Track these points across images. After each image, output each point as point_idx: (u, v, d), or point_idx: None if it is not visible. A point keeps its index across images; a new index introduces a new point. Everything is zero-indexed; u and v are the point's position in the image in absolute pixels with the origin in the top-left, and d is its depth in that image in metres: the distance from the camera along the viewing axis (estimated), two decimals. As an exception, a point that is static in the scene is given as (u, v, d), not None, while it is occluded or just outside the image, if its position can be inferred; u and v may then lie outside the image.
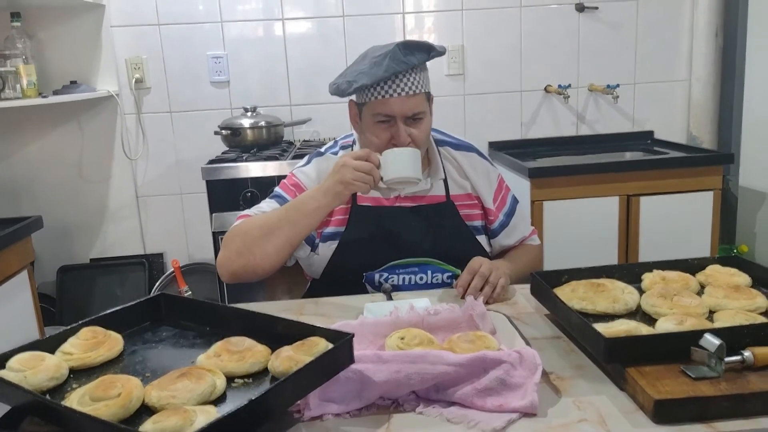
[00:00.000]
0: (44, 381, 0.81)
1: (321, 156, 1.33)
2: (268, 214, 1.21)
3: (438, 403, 0.81)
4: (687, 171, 2.12)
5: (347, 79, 1.19)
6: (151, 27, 2.39)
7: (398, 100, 1.17)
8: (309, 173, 1.30)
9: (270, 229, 1.16)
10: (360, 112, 1.24)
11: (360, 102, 1.23)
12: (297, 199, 1.18)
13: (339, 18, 2.44)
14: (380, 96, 1.18)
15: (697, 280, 1.09)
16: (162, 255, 2.53)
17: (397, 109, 1.18)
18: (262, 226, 1.17)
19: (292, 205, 1.17)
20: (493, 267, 1.17)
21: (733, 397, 0.75)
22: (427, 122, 1.24)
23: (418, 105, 1.20)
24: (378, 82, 1.17)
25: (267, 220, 1.18)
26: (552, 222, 2.08)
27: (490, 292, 1.14)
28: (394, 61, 1.15)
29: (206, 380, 0.77)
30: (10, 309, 1.70)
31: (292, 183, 1.30)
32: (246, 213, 1.27)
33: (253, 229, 1.18)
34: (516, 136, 2.58)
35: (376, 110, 1.19)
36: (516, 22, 2.49)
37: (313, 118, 2.48)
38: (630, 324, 0.90)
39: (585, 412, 0.78)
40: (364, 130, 1.24)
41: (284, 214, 1.17)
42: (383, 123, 1.20)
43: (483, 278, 1.14)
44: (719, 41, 2.48)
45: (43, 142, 2.42)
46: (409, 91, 1.18)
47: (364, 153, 1.12)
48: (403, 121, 1.19)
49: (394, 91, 1.17)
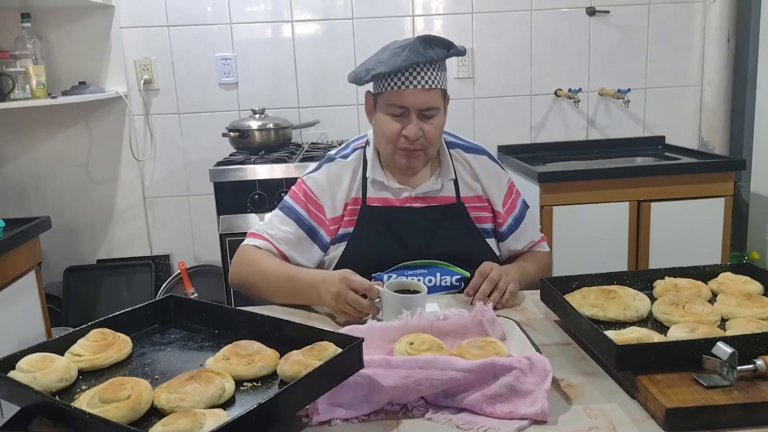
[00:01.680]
0: (53, 382, 0.81)
1: (332, 161, 1.32)
2: (273, 266, 1.22)
3: (447, 409, 0.81)
4: (698, 177, 2.10)
5: (366, 67, 1.21)
6: (160, 28, 2.40)
7: (413, 92, 1.18)
8: (319, 180, 1.30)
9: (270, 285, 1.21)
10: (375, 103, 1.25)
11: (376, 92, 1.24)
12: (299, 276, 1.18)
13: (348, 20, 2.45)
14: (396, 87, 1.18)
15: (709, 287, 1.09)
16: (168, 257, 2.54)
17: (411, 101, 1.19)
18: (265, 278, 1.22)
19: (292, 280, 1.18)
20: (503, 272, 1.16)
21: (746, 406, 0.74)
22: (440, 120, 1.24)
23: (433, 100, 1.20)
24: (396, 72, 1.17)
25: (270, 274, 1.21)
26: (562, 227, 2.07)
27: (498, 298, 1.13)
28: (413, 53, 1.16)
29: (215, 383, 0.77)
30: (17, 309, 1.71)
31: (301, 192, 1.30)
32: (257, 231, 1.29)
33: (256, 273, 1.23)
34: (525, 140, 2.57)
35: (390, 101, 1.20)
36: (526, 25, 2.48)
37: (322, 120, 2.49)
38: (641, 331, 0.90)
39: (595, 419, 0.78)
40: (377, 122, 1.25)
41: (284, 282, 1.19)
42: (396, 115, 1.21)
43: (492, 283, 1.13)
44: (731, 46, 2.46)
45: (52, 143, 2.43)
46: (425, 84, 1.18)
47: (364, 286, 1.07)
48: (416, 115, 1.20)
49: (410, 83, 1.18)
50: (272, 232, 1.27)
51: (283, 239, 1.27)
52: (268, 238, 1.27)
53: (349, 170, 1.29)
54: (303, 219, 1.28)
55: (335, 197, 1.28)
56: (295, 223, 1.28)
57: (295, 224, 1.28)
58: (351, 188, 1.29)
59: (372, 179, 1.28)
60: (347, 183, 1.29)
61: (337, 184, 1.29)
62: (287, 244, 1.27)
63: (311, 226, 1.28)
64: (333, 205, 1.28)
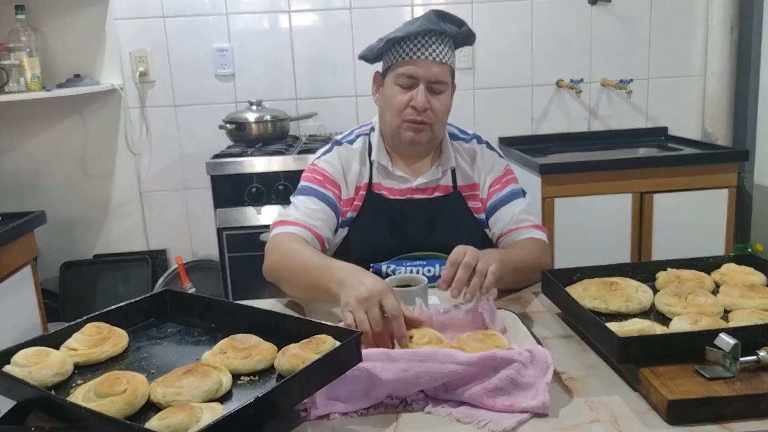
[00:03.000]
0: (49, 376, 0.80)
1: (341, 145, 1.31)
2: (304, 257, 1.09)
3: (447, 403, 0.80)
4: (701, 168, 2.09)
5: (379, 38, 1.23)
6: (156, 19, 2.38)
7: (425, 62, 1.19)
8: (332, 162, 1.29)
9: (297, 279, 1.11)
10: (383, 81, 1.26)
11: (385, 67, 1.25)
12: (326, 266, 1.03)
13: (346, 10, 2.42)
14: (407, 57, 1.19)
15: (712, 278, 1.08)
16: (165, 251, 2.53)
17: (421, 72, 1.19)
18: (293, 271, 1.11)
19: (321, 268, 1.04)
20: (480, 255, 0.99)
21: (748, 397, 0.74)
22: (448, 98, 1.25)
23: (443, 74, 1.21)
24: (410, 37, 1.19)
25: (300, 266, 1.09)
26: (563, 219, 2.05)
27: (479, 283, 0.97)
28: (428, 21, 1.19)
29: (212, 377, 0.77)
30: (13, 304, 1.70)
31: (318, 174, 1.28)
32: (281, 219, 1.22)
33: (286, 265, 1.13)
34: (527, 132, 2.55)
35: (401, 71, 1.20)
36: (527, 15, 2.46)
37: (319, 112, 2.46)
38: (644, 323, 0.89)
39: (597, 412, 0.77)
40: (384, 96, 1.25)
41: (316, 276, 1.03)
42: (405, 87, 1.21)
43: (469, 268, 0.97)
44: (734, 36, 2.44)
45: (47, 136, 2.41)
46: (436, 57, 1.19)
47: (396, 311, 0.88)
48: (425, 87, 1.20)
49: (422, 53, 1.19)
50: (298, 214, 1.21)
51: (313, 216, 1.21)
52: (296, 220, 1.19)
53: (357, 155, 1.29)
54: (328, 197, 1.25)
55: (348, 179, 1.28)
56: (320, 201, 1.24)
57: (322, 202, 1.24)
58: (361, 173, 1.28)
59: (377, 163, 1.28)
60: (357, 166, 1.28)
61: (348, 166, 1.28)
62: (320, 220, 1.21)
63: (336, 204, 1.26)
64: (347, 186, 1.28)
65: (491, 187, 1.30)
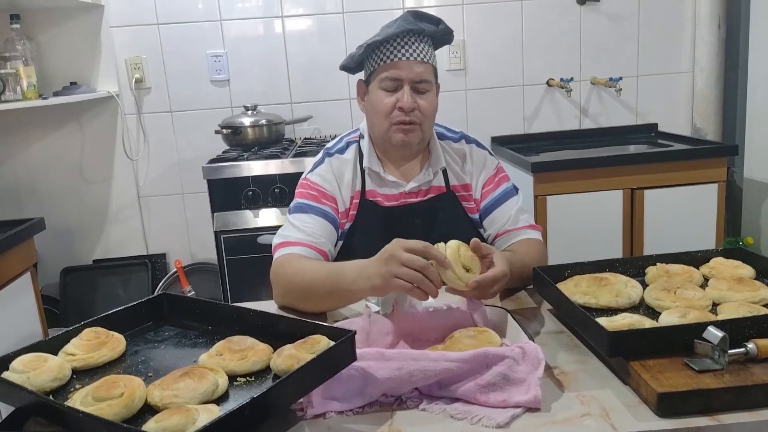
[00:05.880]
0: (47, 382, 0.81)
1: (331, 156, 1.30)
2: (313, 271, 1.09)
3: (441, 400, 0.81)
4: (691, 163, 2.10)
5: (357, 45, 1.23)
6: (151, 27, 2.39)
7: (407, 63, 1.19)
8: (325, 175, 1.26)
9: (312, 295, 1.08)
10: (367, 87, 1.26)
11: (368, 73, 1.25)
12: (340, 273, 1.04)
13: (339, 15, 2.43)
14: (389, 59, 1.19)
15: (701, 272, 1.09)
16: (164, 255, 2.54)
17: (404, 73, 1.19)
18: (306, 289, 1.09)
19: (336, 279, 1.04)
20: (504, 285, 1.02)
21: (737, 389, 0.74)
22: (433, 97, 1.24)
23: (426, 73, 1.21)
24: (389, 40, 1.19)
25: (311, 281, 1.08)
26: (555, 216, 2.07)
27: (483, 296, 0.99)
28: (405, 22, 1.19)
29: (208, 379, 0.77)
30: (13, 311, 1.71)
31: (312, 189, 1.25)
32: (282, 241, 1.19)
33: (296, 286, 1.10)
34: (518, 131, 2.57)
35: (384, 74, 1.20)
36: (517, 15, 2.48)
37: (314, 115, 2.48)
38: (633, 318, 0.90)
39: (588, 406, 0.78)
40: (370, 102, 1.25)
41: (330, 284, 1.05)
42: (390, 90, 1.21)
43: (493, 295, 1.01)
44: (722, 32, 2.46)
45: (44, 144, 2.42)
46: (417, 56, 1.19)
47: (419, 247, 0.92)
48: (410, 87, 1.20)
49: (403, 54, 1.19)
50: (299, 234, 1.18)
51: (314, 233, 1.18)
52: (299, 240, 1.17)
53: (349, 164, 1.28)
54: (326, 212, 1.22)
55: (343, 191, 1.27)
56: (319, 216, 1.21)
57: (320, 217, 1.21)
58: (354, 182, 1.27)
59: (369, 170, 1.27)
60: (350, 175, 1.27)
61: (341, 178, 1.27)
62: (322, 236, 1.19)
63: (334, 218, 1.24)
64: (342, 199, 1.26)
65: (484, 187, 1.31)
